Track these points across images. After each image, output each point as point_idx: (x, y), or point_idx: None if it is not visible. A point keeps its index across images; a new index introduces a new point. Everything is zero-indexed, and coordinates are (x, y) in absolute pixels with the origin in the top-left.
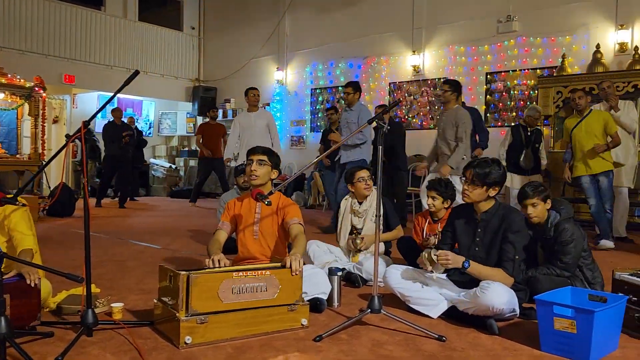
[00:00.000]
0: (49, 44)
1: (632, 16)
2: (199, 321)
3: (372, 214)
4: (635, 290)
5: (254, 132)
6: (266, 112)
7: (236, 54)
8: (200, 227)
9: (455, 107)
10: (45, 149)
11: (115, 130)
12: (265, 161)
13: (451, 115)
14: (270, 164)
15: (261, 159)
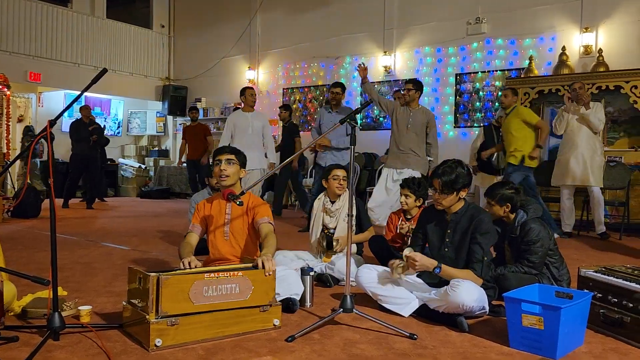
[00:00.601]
0: (14, 41)
1: (596, 19)
2: (170, 323)
3: (344, 214)
4: (600, 287)
5: (249, 134)
6: (262, 114)
7: (207, 53)
8: (171, 227)
9: (420, 106)
10: (10, 149)
11: (83, 128)
12: (233, 160)
13: (422, 115)
14: (238, 163)
15: (229, 158)
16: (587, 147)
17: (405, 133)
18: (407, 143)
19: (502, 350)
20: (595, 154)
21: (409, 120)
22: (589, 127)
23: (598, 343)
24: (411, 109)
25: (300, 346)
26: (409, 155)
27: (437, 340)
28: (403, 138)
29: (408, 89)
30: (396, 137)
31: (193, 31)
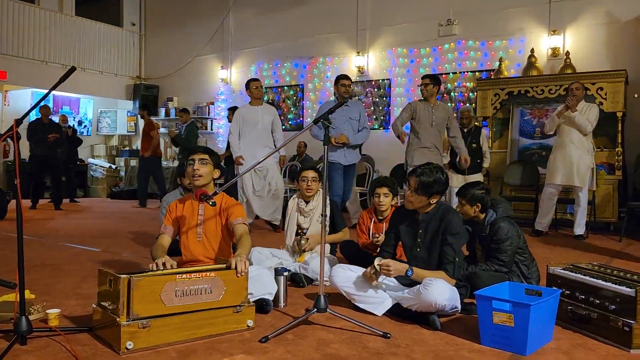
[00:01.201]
0: None
1: (563, 23)
2: (141, 325)
3: (318, 214)
4: (568, 284)
5: (259, 128)
6: (271, 107)
7: (179, 52)
8: (142, 228)
9: (439, 102)
10: None
11: (42, 128)
12: (207, 160)
13: (442, 111)
14: (212, 163)
15: (203, 158)
16: (576, 148)
17: (430, 130)
18: (432, 140)
19: (474, 347)
20: (584, 155)
21: (432, 117)
22: (577, 128)
23: (566, 339)
24: (431, 105)
25: (274, 347)
26: (435, 152)
27: (410, 338)
28: (429, 135)
29: (425, 84)
30: (420, 135)
31: (165, 30)
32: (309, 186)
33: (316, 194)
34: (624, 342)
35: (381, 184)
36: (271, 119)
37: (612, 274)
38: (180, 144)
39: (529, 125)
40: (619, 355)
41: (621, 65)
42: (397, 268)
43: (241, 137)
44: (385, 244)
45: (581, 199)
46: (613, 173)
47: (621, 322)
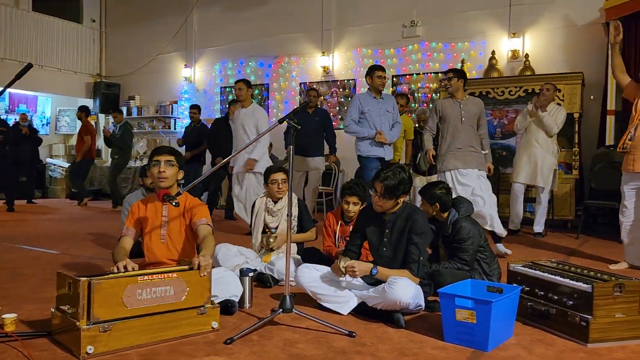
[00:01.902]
0: None
1: (523, 26)
2: (102, 329)
3: (284, 213)
4: (528, 281)
5: (240, 133)
6: (258, 108)
7: (141, 50)
8: (103, 230)
9: (468, 96)
10: None
11: None
12: (173, 162)
13: (473, 105)
14: (177, 165)
15: (169, 160)
16: (540, 148)
17: (460, 128)
18: (461, 135)
19: (437, 344)
20: (547, 156)
21: (462, 112)
22: (544, 130)
23: (526, 334)
24: (459, 100)
25: (239, 348)
26: (469, 150)
27: (375, 337)
28: (460, 133)
29: (449, 77)
30: (451, 134)
31: (126, 27)
32: (280, 189)
33: (286, 193)
34: (582, 337)
35: (352, 192)
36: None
37: (569, 270)
38: (115, 143)
39: (490, 126)
40: (576, 350)
41: (578, 68)
42: (361, 268)
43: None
44: (350, 243)
45: (542, 198)
46: (570, 172)
47: (578, 317)
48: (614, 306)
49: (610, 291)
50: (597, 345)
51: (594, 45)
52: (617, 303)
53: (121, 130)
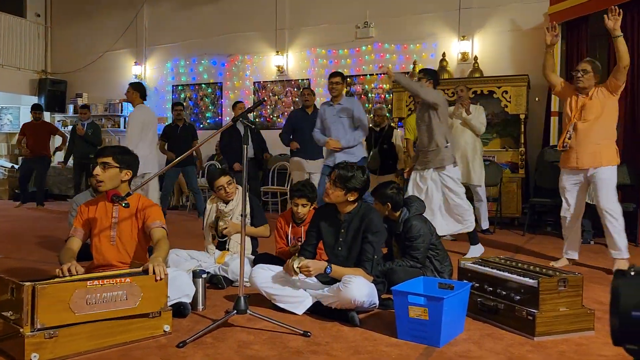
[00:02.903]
0: None
1: (472, 29)
2: (48, 336)
3: (238, 214)
4: (477, 277)
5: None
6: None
7: (89, 46)
8: (50, 232)
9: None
10: None
11: None
12: (110, 164)
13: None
14: (117, 166)
15: (105, 162)
16: (470, 148)
17: (449, 128)
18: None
19: (391, 341)
20: (476, 155)
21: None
22: (472, 130)
23: (476, 330)
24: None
25: (192, 351)
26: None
27: (330, 336)
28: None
29: (419, 77)
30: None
31: (73, 22)
32: (227, 193)
33: (235, 193)
34: (529, 331)
35: (300, 195)
36: None
37: (516, 266)
38: (90, 142)
39: None
40: (524, 343)
41: (524, 71)
42: (316, 267)
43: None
44: (306, 243)
45: (480, 195)
46: (517, 171)
47: (525, 311)
48: (559, 300)
49: (555, 286)
50: (543, 339)
51: (539, 49)
52: (562, 297)
53: (91, 128)
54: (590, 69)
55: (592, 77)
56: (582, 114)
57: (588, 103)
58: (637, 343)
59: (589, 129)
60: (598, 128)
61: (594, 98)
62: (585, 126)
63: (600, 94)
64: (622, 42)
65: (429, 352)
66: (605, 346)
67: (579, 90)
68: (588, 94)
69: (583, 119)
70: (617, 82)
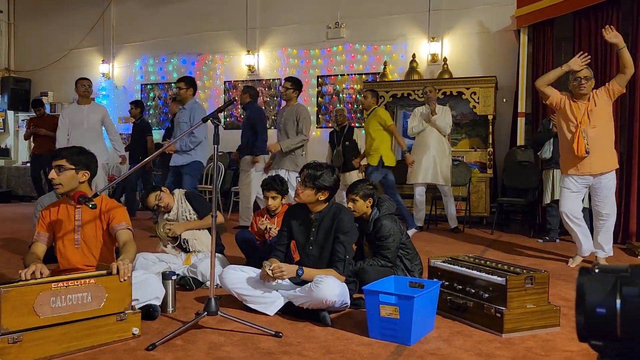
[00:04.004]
0: None
1: (441, 31)
2: (12, 340)
3: (181, 214)
4: (447, 276)
5: (84, 128)
6: (100, 106)
7: (54, 43)
8: (13, 235)
9: (295, 103)
10: None
11: None
12: (65, 166)
13: (292, 112)
14: (72, 167)
15: (60, 165)
16: (437, 149)
17: (280, 132)
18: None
19: (363, 340)
20: (444, 155)
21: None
22: (438, 130)
23: (446, 327)
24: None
25: (162, 354)
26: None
27: (302, 336)
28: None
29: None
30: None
31: (38, 19)
32: (163, 206)
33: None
34: (497, 328)
35: (269, 187)
36: (99, 117)
37: (485, 264)
38: None
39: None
40: (492, 340)
41: (492, 72)
42: (288, 270)
43: (70, 138)
44: (277, 243)
45: (447, 194)
46: (485, 171)
47: (494, 309)
48: (526, 297)
49: (522, 283)
50: (511, 335)
51: (506, 51)
52: (529, 294)
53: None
54: (592, 75)
55: (592, 83)
56: (591, 120)
57: (595, 109)
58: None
59: (598, 135)
60: (606, 133)
61: (598, 104)
62: (595, 132)
63: (601, 99)
64: (627, 52)
65: (400, 351)
66: (571, 342)
67: (578, 96)
68: (589, 99)
69: (592, 125)
70: (621, 89)
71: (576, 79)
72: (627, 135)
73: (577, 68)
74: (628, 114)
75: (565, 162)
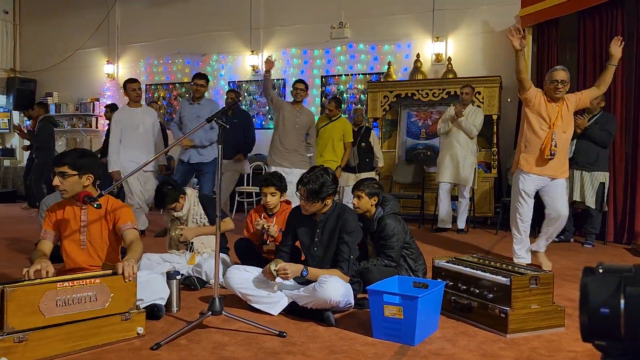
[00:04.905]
0: None
1: (445, 30)
2: (17, 339)
3: (192, 217)
4: (451, 276)
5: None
6: (150, 109)
7: (59, 44)
8: (19, 234)
9: (304, 108)
10: None
11: None
12: (67, 173)
13: (310, 115)
14: (75, 173)
15: (62, 172)
16: (462, 149)
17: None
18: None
19: (367, 340)
20: (468, 155)
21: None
22: (464, 132)
23: (450, 327)
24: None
25: (167, 354)
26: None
27: (306, 336)
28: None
29: (302, 88)
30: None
31: (43, 19)
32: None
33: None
34: (501, 328)
35: (267, 183)
36: (152, 121)
37: (489, 265)
38: (32, 142)
39: (415, 127)
40: (496, 340)
41: (496, 72)
42: (293, 270)
43: (122, 142)
44: (282, 244)
45: (464, 196)
46: (490, 171)
47: (498, 309)
48: (530, 298)
49: (526, 284)
50: (515, 336)
51: (510, 50)
52: (533, 295)
53: (38, 126)
54: (568, 79)
55: (568, 86)
56: (562, 123)
57: (566, 114)
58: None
59: (566, 140)
60: (568, 140)
61: (569, 109)
62: (564, 137)
63: (570, 105)
64: (613, 71)
65: (404, 351)
66: (576, 342)
67: (553, 99)
68: (562, 102)
69: (562, 129)
70: (587, 104)
71: (553, 81)
72: (632, 136)
73: (517, 46)
74: (633, 114)
75: (527, 159)
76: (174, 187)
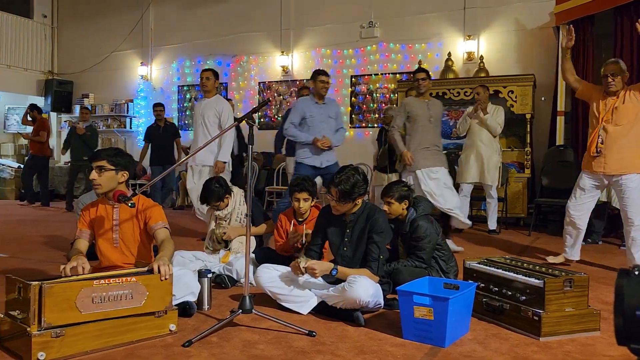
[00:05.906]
0: None
1: (477, 29)
2: (54, 335)
3: (236, 216)
4: (483, 277)
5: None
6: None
7: (95, 46)
8: (56, 232)
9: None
10: None
11: None
12: (105, 167)
13: (438, 106)
14: (113, 168)
15: (100, 166)
16: (486, 148)
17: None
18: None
19: (396, 341)
20: (493, 154)
21: (429, 112)
22: (488, 130)
23: (482, 330)
24: (426, 100)
25: (198, 351)
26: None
27: (335, 335)
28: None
29: (422, 78)
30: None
31: (79, 23)
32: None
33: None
34: (534, 331)
35: (301, 188)
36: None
37: (522, 266)
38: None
39: (446, 126)
40: (529, 344)
41: (529, 70)
42: (322, 269)
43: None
44: (312, 243)
45: (492, 195)
46: (523, 171)
47: (531, 312)
48: (564, 300)
49: (560, 286)
50: (548, 339)
51: (545, 48)
52: (567, 297)
53: (90, 130)
54: (619, 70)
55: (621, 79)
56: (614, 117)
57: (621, 107)
58: None
59: (620, 134)
60: (629, 133)
61: (627, 102)
62: (617, 130)
63: (633, 97)
64: None
65: (434, 352)
66: (611, 346)
67: (609, 93)
68: (619, 96)
69: (615, 122)
70: None
71: (604, 76)
72: None
73: (564, 45)
74: None
75: (584, 158)
76: (221, 185)
